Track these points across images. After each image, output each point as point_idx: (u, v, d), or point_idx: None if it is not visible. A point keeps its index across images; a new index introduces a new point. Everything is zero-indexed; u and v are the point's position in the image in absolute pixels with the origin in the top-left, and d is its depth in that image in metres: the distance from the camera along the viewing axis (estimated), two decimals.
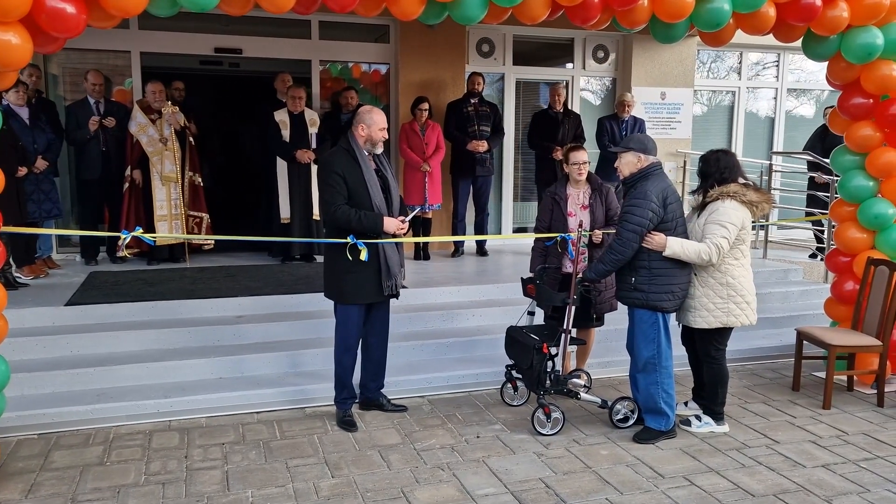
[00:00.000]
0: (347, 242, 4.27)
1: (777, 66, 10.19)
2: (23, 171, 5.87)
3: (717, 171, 4.31)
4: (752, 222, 4.36)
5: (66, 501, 3.59)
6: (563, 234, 4.84)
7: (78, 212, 7.35)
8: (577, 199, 4.90)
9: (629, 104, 7.87)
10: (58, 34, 3.57)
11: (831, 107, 8.20)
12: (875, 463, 4.15)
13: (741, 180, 4.30)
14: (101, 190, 6.93)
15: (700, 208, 4.36)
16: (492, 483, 3.82)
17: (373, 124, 4.32)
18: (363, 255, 4.25)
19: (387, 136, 4.43)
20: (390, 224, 4.32)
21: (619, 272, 4.39)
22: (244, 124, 10.00)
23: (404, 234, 4.48)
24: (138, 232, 4.18)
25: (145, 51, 7.60)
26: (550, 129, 7.69)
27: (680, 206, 4.33)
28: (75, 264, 7.10)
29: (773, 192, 8.47)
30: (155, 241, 4.12)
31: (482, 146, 7.51)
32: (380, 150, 4.42)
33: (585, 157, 4.84)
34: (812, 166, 8.43)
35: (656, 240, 4.18)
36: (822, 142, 8.24)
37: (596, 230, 4.80)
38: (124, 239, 4.08)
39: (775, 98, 10.24)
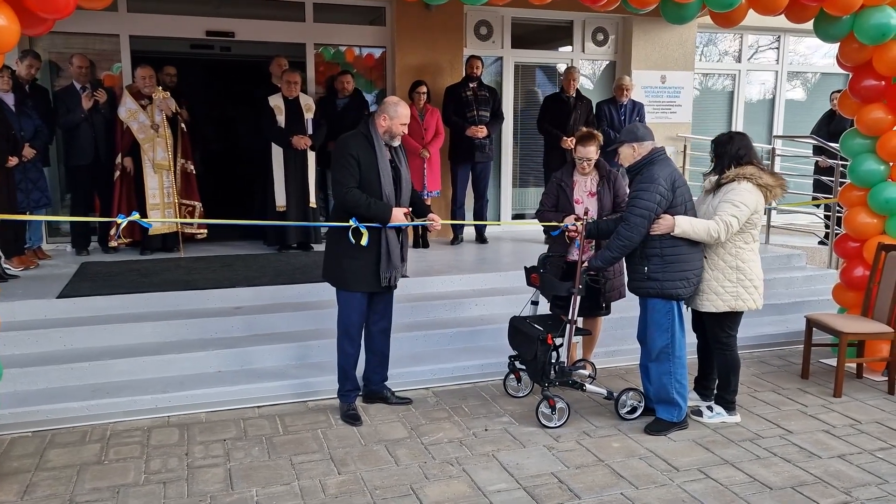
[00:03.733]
0: (350, 226, 4.16)
1: (777, 49, 10.07)
2: (13, 161, 5.69)
3: (731, 149, 4.22)
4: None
5: (63, 502, 3.45)
6: (565, 224, 4.68)
7: (68, 200, 7.17)
8: (585, 186, 4.78)
9: (627, 88, 7.72)
10: (46, 15, 3.40)
11: (838, 91, 8.17)
12: (891, 453, 4.08)
13: (757, 163, 4.21)
14: (91, 177, 6.74)
15: (714, 189, 4.25)
16: (503, 478, 3.72)
17: (396, 117, 4.24)
18: (364, 241, 4.14)
19: (406, 132, 4.36)
20: (398, 217, 4.24)
21: (630, 263, 4.29)
22: (237, 110, 9.80)
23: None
24: (135, 216, 3.97)
25: (134, 34, 7.38)
26: (562, 113, 7.54)
27: (688, 190, 4.23)
28: (66, 255, 6.93)
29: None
30: (151, 226, 3.89)
31: (482, 132, 7.36)
32: (397, 142, 4.35)
33: (593, 154, 4.68)
34: (817, 150, 8.34)
35: (664, 223, 4.08)
36: (828, 126, 8.15)
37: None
38: (120, 224, 3.90)
39: (775, 81, 10.13)
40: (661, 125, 8.80)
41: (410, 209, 4.46)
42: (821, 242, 8.51)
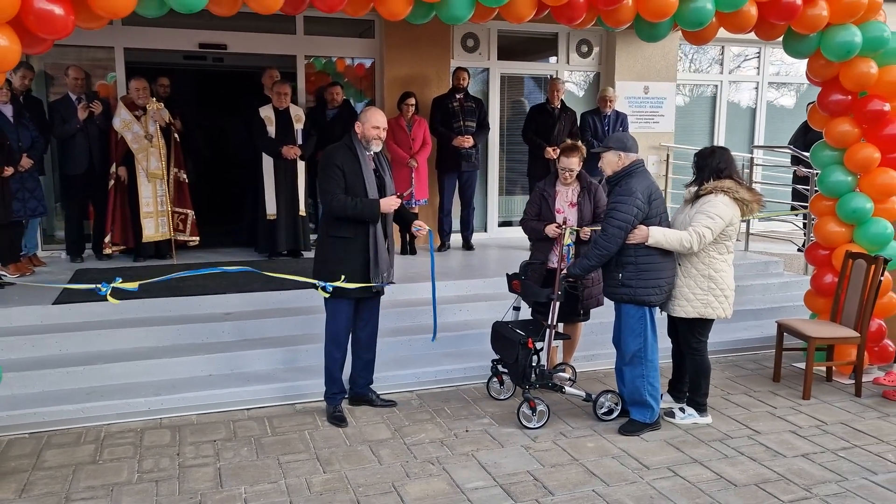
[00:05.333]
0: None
1: (758, 59, 10.31)
2: (9, 171, 5.85)
3: (712, 163, 4.41)
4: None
5: (60, 500, 3.61)
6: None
7: (62, 208, 7.32)
8: (566, 196, 4.96)
9: (611, 99, 7.94)
10: (46, 35, 3.58)
11: (813, 102, 8.40)
12: (853, 452, 4.27)
13: (736, 177, 4.40)
14: (85, 185, 6.90)
15: (693, 200, 4.45)
16: (481, 476, 3.90)
17: (365, 122, 4.40)
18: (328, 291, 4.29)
19: (381, 136, 4.45)
20: (388, 204, 4.39)
21: (606, 268, 4.48)
22: (229, 119, 9.96)
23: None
24: (118, 283, 3.87)
25: (129, 46, 7.54)
26: (547, 124, 7.73)
27: (663, 203, 4.43)
28: (61, 262, 7.07)
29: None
30: (136, 289, 3.89)
31: (468, 142, 7.55)
32: (375, 147, 4.46)
33: (575, 165, 4.86)
34: (795, 160, 8.58)
35: (638, 233, 4.27)
36: (805, 136, 8.39)
37: (584, 227, 4.83)
38: (105, 289, 3.84)
39: (756, 91, 10.37)
40: (644, 134, 9.01)
41: (401, 194, 4.60)
42: (799, 250, 8.72)
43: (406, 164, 7.39)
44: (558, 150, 5.05)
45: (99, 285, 3.83)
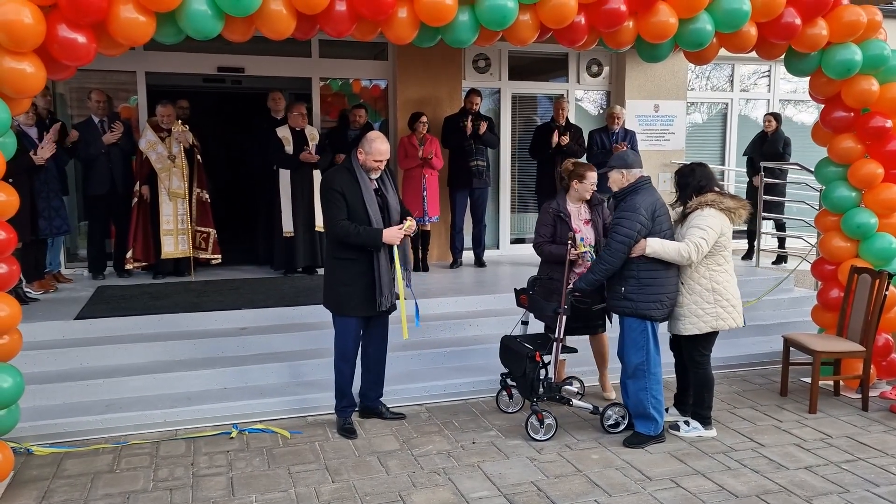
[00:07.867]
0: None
1: (769, 76, 10.38)
2: (40, 160, 5.98)
3: (693, 181, 4.53)
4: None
5: None
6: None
7: (85, 227, 7.55)
8: (579, 215, 5.05)
9: (618, 116, 8.07)
10: (69, 63, 3.77)
11: (770, 113, 8.85)
12: (856, 464, 4.30)
13: (717, 189, 4.50)
14: (107, 206, 7.12)
15: (681, 220, 4.55)
16: (486, 487, 3.98)
17: (370, 153, 4.46)
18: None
19: (382, 167, 4.53)
20: (390, 235, 4.45)
21: (609, 282, 4.58)
22: (246, 139, 10.19)
23: (409, 233, 4.55)
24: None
25: (150, 70, 7.79)
26: (552, 141, 7.84)
27: (668, 219, 4.53)
28: (83, 279, 7.28)
29: (763, 199, 8.64)
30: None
31: (483, 125, 7.66)
32: (374, 175, 4.54)
33: (596, 178, 5.01)
34: (751, 170, 8.83)
35: (637, 246, 4.37)
36: (761, 147, 8.63)
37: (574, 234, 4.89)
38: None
39: (767, 109, 10.42)
40: (655, 153, 9.11)
41: (409, 217, 4.62)
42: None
43: (420, 158, 7.51)
44: (570, 169, 5.08)
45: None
